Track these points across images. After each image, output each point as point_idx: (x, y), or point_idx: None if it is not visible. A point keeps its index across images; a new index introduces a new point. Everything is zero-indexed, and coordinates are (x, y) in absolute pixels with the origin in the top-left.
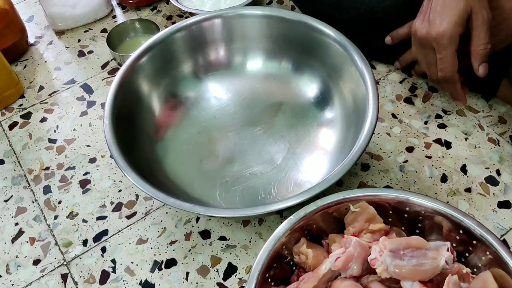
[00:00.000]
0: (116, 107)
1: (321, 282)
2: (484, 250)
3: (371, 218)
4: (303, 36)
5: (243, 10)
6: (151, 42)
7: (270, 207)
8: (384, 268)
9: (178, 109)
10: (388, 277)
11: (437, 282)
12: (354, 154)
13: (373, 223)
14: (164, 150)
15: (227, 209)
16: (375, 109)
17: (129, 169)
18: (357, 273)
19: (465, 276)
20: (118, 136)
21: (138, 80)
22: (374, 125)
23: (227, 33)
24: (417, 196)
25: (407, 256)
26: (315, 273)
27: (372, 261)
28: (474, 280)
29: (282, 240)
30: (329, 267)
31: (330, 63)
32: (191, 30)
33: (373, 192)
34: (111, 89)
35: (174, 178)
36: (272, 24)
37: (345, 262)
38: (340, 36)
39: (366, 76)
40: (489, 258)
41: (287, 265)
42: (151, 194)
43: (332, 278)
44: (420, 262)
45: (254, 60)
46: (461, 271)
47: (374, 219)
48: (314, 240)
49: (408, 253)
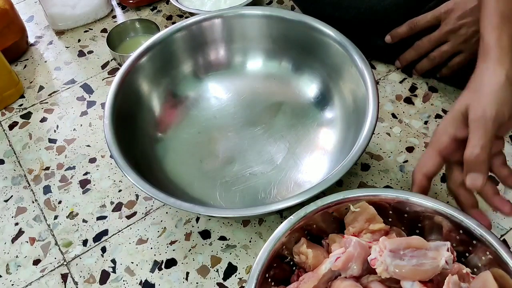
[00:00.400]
0: (116, 107)
1: (321, 282)
2: (484, 250)
3: (371, 218)
4: (303, 36)
5: (243, 10)
6: (151, 42)
7: (270, 207)
8: (384, 268)
9: (178, 109)
10: (388, 277)
11: (437, 282)
12: (354, 154)
13: (373, 223)
14: (164, 150)
15: (227, 209)
16: (375, 109)
17: (129, 169)
18: (357, 273)
19: (465, 276)
20: (118, 136)
21: (138, 80)
22: (374, 125)
23: (227, 33)
24: (417, 196)
25: (407, 256)
26: (315, 273)
27: (372, 261)
28: (474, 280)
29: (282, 240)
30: (329, 267)
31: (330, 63)
32: (191, 30)
33: (373, 192)
34: (111, 89)
35: (174, 178)
36: (272, 24)
37: (345, 262)
38: (340, 36)
39: (366, 76)
40: (489, 258)
41: (287, 265)
42: (151, 194)
43: (332, 278)
44: (420, 262)
45: (254, 60)
46: (461, 271)
47: (374, 219)
48: (314, 240)
49: (408, 253)
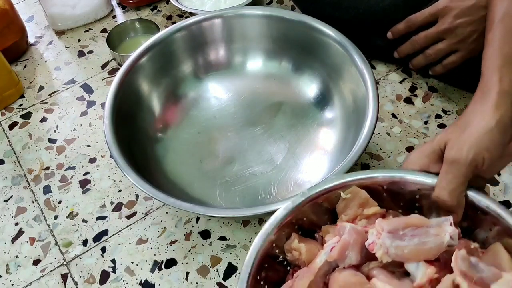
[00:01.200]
0: (116, 107)
1: (318, 277)
2: (491, 222)
3: (364, 202)
4: (303, 36)
5: (243, 10)
6: (151, 42)
7: (270, 207)
8: (385, 251)
9: (178, 109)
10: (390, 261)
11: (445, 260)
12: (354, 154)
13: (367, 207)
14: (164, 150)
15: (227, 209)
16: (375, 109)
17: (129, 169)
18: (355, 262)
19: (474, 251)
20: (118, 136)
21: (138, 80)
22: (374, 125)
23: (227, 33)
24: (413, 174)
25: (408, 236)
26: (310, 267)
27: (370, 246)
28: (484, 254)
29: (270, 237)
30: (324, 259)
31: (330, 63)
32: (191, 30)
33: (363, 175)
34: (111, 89)
35: (174, 178)
36: (272, 24)
37: (341, 251)
38: (340, 36)
39: (366, 76)
40: (498, 229)
41: (281, 266)
42: (151, 194)
43: (329, 270)
44: (423, 241)
45: (254, 60)
46: (468, 246)
47: (368, 203)
48: (306, 234)
49: (408, 232)
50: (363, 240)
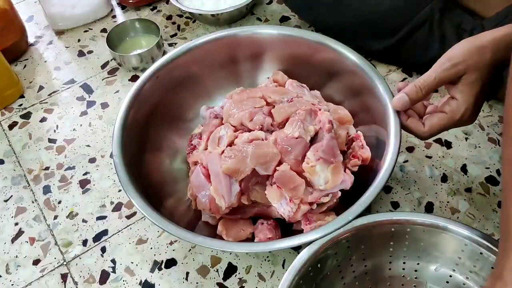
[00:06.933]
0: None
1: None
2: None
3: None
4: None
5: (259, 29)
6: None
7: (289, 242)
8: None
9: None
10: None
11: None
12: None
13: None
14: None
15: (245, 244)
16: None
17: (149, 209)
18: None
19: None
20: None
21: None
22: (396, 157)
23: (251, 51)
24: None
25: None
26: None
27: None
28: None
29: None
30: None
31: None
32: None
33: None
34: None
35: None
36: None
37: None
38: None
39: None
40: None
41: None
42: (178, 235)
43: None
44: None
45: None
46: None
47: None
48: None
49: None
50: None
